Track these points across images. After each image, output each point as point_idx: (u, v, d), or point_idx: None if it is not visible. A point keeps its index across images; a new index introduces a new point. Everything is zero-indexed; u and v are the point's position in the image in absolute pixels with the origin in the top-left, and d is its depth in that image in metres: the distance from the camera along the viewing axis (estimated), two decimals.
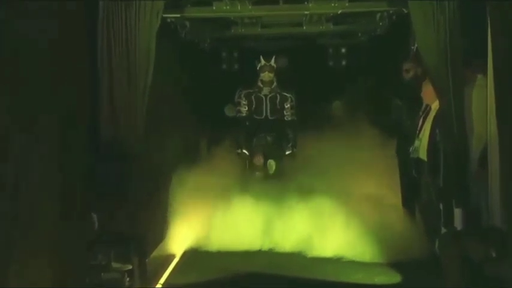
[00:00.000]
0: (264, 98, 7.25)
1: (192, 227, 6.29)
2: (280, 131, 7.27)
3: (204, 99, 7.72)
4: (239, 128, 7.32)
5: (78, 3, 4.23)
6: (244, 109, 7.30)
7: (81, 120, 4.44)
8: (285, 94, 7.25)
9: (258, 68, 7.18)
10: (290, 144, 7.22)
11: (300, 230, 6.09)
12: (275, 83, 7.24)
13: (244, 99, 7.28)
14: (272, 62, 7.15)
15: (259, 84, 7.24)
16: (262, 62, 7.15)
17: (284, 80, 7.28)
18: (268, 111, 7.25)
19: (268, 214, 6.29)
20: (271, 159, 7.12)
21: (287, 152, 7.21)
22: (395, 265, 5.48)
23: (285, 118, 7.27)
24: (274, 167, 7.09)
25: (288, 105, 7.25)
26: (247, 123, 7.32)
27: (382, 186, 6.44)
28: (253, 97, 7.26)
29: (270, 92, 7.24)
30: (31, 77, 3.73)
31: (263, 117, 7.28)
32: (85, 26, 4.57)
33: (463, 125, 5.19)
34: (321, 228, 6.03)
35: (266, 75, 7.17)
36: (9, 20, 3.56)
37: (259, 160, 7.15)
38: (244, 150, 7.20)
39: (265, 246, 6.16)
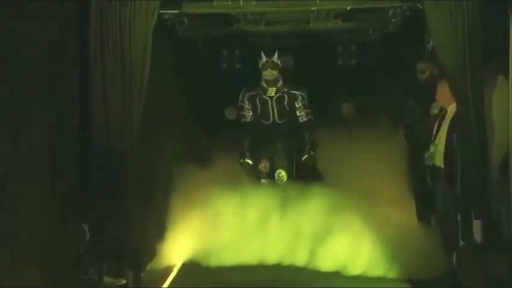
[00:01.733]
0: (269, 100, 6.94)
1: (191, 238, 6.25)
2: (291, 135, 6.99)
3: (204, 100, 7.66)
4: (242, 134, 7.05)
5: (78, 3, 4.37)
6: (249, 114, 7.01)
7: (75, 121, 4.51)
8: (294, 92, 6.93)
9: (260, 66, 6.89)
10: (307, 147, 6.90)
11: (308, 242, 6.06)
12: (281, 82, 6.94)
13: (247, 103, 6.99)
14: (275, 58, 6.84)
15: (263, 84, 6.94)
16: (264, 58, 6.84)
17: (291, 79, 7.06)
18: (276, 114, 6.95)
19: (274, 225, 6.23)
20: (281, 169, 6.84)
21: (304, 157, 6.92)
22: (409, 281, 5.49)
23: (300, 119, 6.95)
24: (285, 178, 6.80)
25: (300, 104, 6.93)
26: (252, 130, 7.04)
27: (397, 196, 6.40)
28: (257, 100, 6.97)
29: (275, 93, 6.92)
30: (31, 77, 3.89)
31: (270, 122, 6.99)
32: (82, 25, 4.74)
33: (483, 130, 5.19)
34: (329, 241, 6.00)
35: (269, 73, 6.85)
36: (9, 20, 3.69)
37: (265, 166, 6.90)
38: (247, 160, 6.95)
39: (270, 259, 6.11)
